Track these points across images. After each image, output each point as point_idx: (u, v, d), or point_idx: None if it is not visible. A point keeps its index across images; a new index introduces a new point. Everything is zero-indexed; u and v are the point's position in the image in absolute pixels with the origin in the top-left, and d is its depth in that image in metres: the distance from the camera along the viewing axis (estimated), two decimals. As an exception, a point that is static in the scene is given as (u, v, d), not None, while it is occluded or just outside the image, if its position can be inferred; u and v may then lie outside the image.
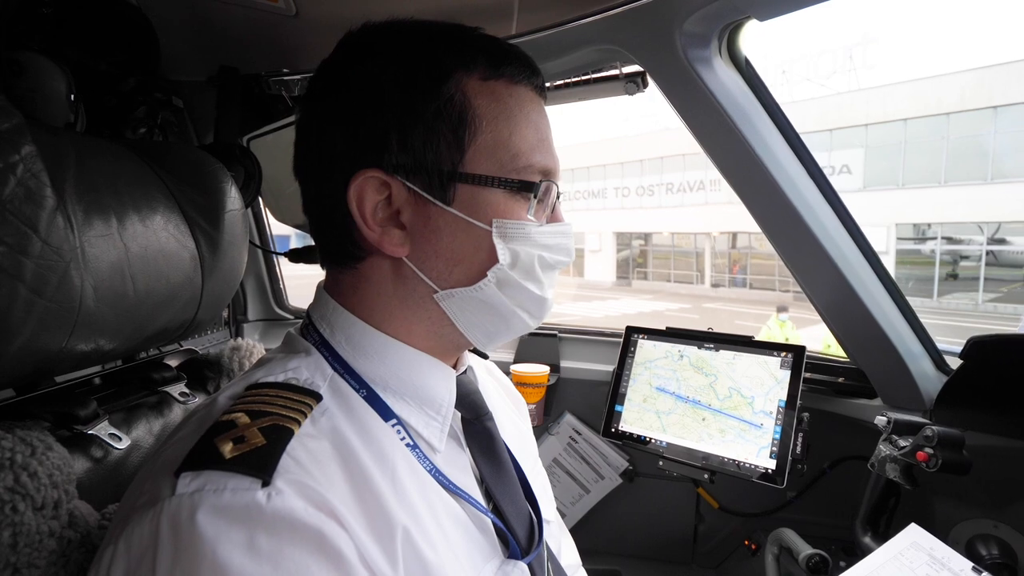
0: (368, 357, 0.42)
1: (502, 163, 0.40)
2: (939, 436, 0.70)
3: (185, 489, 0.33)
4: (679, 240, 16.85)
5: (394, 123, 0.39)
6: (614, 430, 1.06)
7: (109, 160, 0.55)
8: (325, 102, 0.42)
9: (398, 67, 0.40)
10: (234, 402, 0.38)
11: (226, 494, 0.32)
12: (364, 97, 0.40)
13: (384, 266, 0.42)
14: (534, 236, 0.42)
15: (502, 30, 0.76)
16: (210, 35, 0.90)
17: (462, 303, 0.42)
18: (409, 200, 0.40)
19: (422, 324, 0.43)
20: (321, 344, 0.43)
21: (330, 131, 0.40)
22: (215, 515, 0.31)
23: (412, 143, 0.39)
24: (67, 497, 0.41)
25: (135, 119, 0.82)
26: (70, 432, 0.50)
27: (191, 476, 0.33)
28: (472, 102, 0.40)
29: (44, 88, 0.66)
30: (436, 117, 0.39)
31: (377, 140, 0.39)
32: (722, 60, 0.75)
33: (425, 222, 0.40)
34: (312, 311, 0.46)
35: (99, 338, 0.49)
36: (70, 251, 0.44)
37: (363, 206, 0.39)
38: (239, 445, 0.34)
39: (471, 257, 0.41)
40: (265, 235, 1.31)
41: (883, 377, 0.93)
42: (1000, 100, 10.76)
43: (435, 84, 0.39)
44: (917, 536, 0.65)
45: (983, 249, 11.73)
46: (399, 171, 0.39)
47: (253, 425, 0.36)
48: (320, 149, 0.41)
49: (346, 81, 0.41)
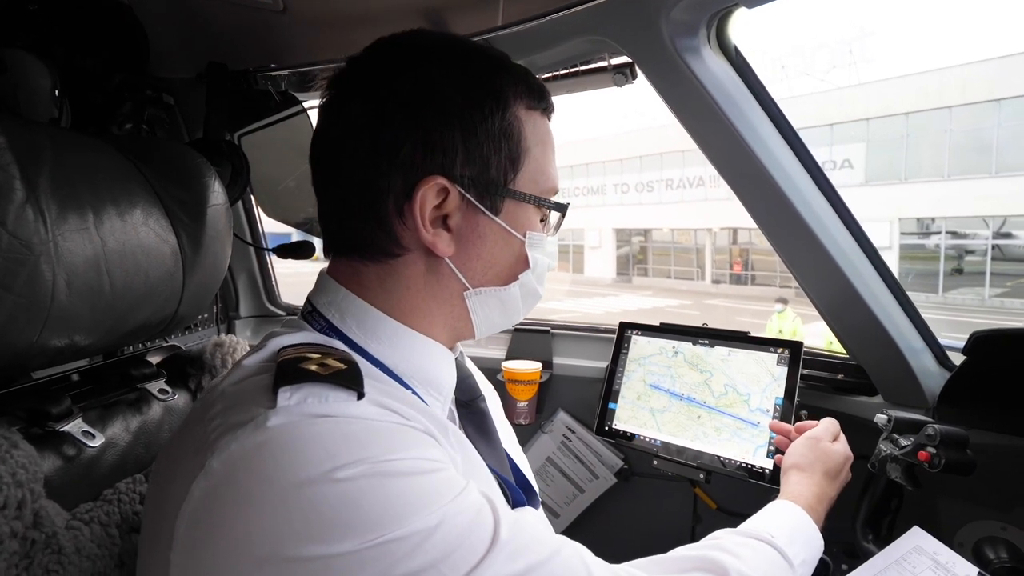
0: (379, 341, 0.44)
1: (538, 184, 0.46)
2: (942, 435, 0.67)
3: (287, 401, 0.34)
4: (679, 236, 16.83)
5: (460, 136, 0.42)
6: (608, 428, 1.05)
7: (88, 155, 0.54)
8: (381, 99, 0.42)
9: (463, 82, 0.43)
10: (282, 353, 0.40)
11: (330, 403, 0.35)
12: (429, 104, 0.42)
13: (419, 263, 0.45)
14: (546, 246, 0.49)
15: (487, 21, 0.75)
16: (198, 31, 0.90)
17: (485, 301, 0.47)
18: (460, 207, 0.43)
19: (442, 317, 0.47)
20: (329, 329, 0.45)
21: (391, 132, 0.42)
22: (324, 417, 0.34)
23: (476, 157, 0.43)
24: (32, 496, 0.40)
25: (121, 115, 0.82)
26: (42, 430, 0.49)
27: (291, 390, 0.35)
28: (523, 128, 0.45)
29: (28, 84, 0.66)
30: (498, 137, 0.43)
31: (445, 149, 0.42)
32: (711, 49, 0.74)
33: (473, 228, 0.44)
34: (316, 299, 0.47)
35: (74, 333, 0.49)
36: (40, 245, 0.43)
37: (424, 208, 0.42)
38: (324, 367, 0.37)
39: (504, 262, 0.46)
40: (257, 232, 1.31)
41: (883, 373, 0.91)
42: (1004, 92, 10.66)
43: (498, 106, 0.43)
44: (920, 540, 0.63)
45: (988, 243, 11.64)
46: (461, 181, 0.43)
47: (323, 358, 0.38)
48: (377, 147, 0.42)
49: (408, 83, 0.42)
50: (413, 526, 0.32)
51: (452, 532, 0.33)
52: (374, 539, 0.31)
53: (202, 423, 0.37)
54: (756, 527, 0.53)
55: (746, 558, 0.47)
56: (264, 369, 0.39)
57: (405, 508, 0.32)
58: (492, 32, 0.77)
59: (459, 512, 0.34)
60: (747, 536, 0.51)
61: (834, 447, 0.66)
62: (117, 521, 0.51)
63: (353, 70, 0.45)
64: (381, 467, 0.33)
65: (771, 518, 0.56)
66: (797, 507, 0.57)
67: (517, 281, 0.47)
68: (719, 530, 0.53)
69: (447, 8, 0.77)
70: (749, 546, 0.49)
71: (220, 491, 0.33)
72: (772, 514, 0.56)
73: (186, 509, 0.33)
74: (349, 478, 0.32)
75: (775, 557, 0.50)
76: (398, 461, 0.33)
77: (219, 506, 0.32)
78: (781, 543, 0.51)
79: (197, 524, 0.33)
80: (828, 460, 0.64)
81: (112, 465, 0.54)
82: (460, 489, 0.35)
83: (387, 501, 0.32)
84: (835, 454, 0.65)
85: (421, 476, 0.34)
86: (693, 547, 0.50)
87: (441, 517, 0.33)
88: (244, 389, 0.38)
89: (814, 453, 0.65)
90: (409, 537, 0.31)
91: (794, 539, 0.52)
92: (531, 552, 0.35)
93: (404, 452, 0.34)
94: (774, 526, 0.53)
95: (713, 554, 0.46)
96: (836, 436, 0.69)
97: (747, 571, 0.45)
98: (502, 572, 0.33)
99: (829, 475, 0.63)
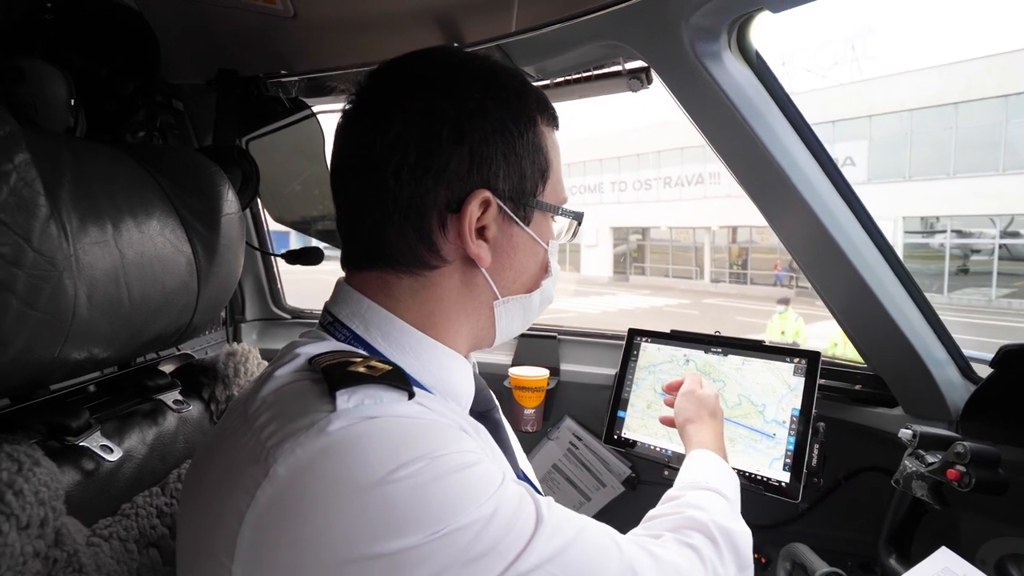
0: (404, 352, 0.45)
1: (557, 195, 0.49)
2: (972, 453, 0.65)
3: (346, 404, 0.35)
4: (677, 235, 16.74)
5: (502, 151, 0.44)
6: (616, 437, 1.04)
7: (106, 164, 0.54)
8: (427, 115, 0.43)
9: (502, 99, 0.45)
10: (319, 360, 0.40)
11: (385, 403, 0.36)
12: (474, 121, 0.43)
13: (455, 275, 0.46)
14: (557, 251, 0.52)
15: (502, 27, 0.74)
16: (209, 38, 0.89)
17: (510, 308, 0.49)
18: (497, 219, 0.45)
19: (468, 327, 0.48)
20: (353, 339, 0.45)
21: (439, 148, 0.43)
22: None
23: (514, 172, 0.45)
24: (54, 515, 0.40)
25: (134, 123, 0.81)
26: (61, 444, 0.49)
27: (348, 392, 0.36)
28: (547, 144, 0.48)
29: (45, 94, 0.65)
30: (531, 151, 0.46)
31: (489, 164, 0.44)
32: (732, 54, 0.72)
33: (508, 239, 0.47)
34: (337, 310, 0.47)
35: (93, 346, 0.48)
36: (63, 260, 0.43)
37: (471, 221, 0.44)
38: (372, 369, 0.38)
39: (531, 271, 0.49)
40: (263, 236, 1.31)
41: (904, 385, 0.89)
42: (1010, 89, 10.56)
43: (531, 124, 0.46)
44: (949, 561, 0.62)
45: (995, 243, 11.51)
46: (501, 194, 0.45)
47: (367, 361, 0.40)
48: (424, 162, 0.43)
49: (455, 100, 0.44)
50: (473, 515, 0.34)
51: (505, 516, 0.35)
52: (440, 530, 0.33)
53: (250, 433, 0.37)
54: (695, 478, 0.61)
55: (710, 509, 0.55)
56: (303, 376, 0.40)
57: (464, 499, 0.34)
58: (506, 38, 0.76)
59: (508, 498, 0.37)
60: (696, 488, 0.59)
61: (706, 392, 0.76)
62: (135, 536, 0.51)
63: (387, 85, 0.45)
64: (437, 463, 0.35)
65: (699, 468, 0.64)
66: (709, 452, 0.67)
67: (539, 288, 0.50)
68: (669, 490, 0.60)
69: (461, 13, 0.76)
70: (704, 497, 0.57)
71: (288, 497, 0.33)
72: (698, 465, 0.65)
73: (251, 517, 0.33)
74: (412, 475, 0.33)
75: (720, 500, 0.58)
76: (450, 455, 0.35)
77: (288, 511, 0.33)
78: (717, 486, 0.59)
79: (265, 531, 0.33)
80: (707, 404, 0.74)
81: (130, 479, 0.54)
82: (502, 477, 0.38)
83: (447, 494, 0.34)
84: (709, 397, 0.75)
85: (470, 468, 0.36)
86: (670, 507, 0.56)
87: (496, 504, 0.35)
88: (291, 395, 0.38)
89: (695, 404, 0.74)
90: (471, 525, 0.34)
91: (723, 480, 0.61)
92: (566, 529, 0.38)
93: (454, 446, 0.36)
94: (705, 474, 0.62)
95: (690, 512, 0.54)
96: (700, 383, 0.79)
97: (718, 519, 0.53)
98: (547, 548, 0.36)
99: (714, 416, 0.74)
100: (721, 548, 0.51)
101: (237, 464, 0.36)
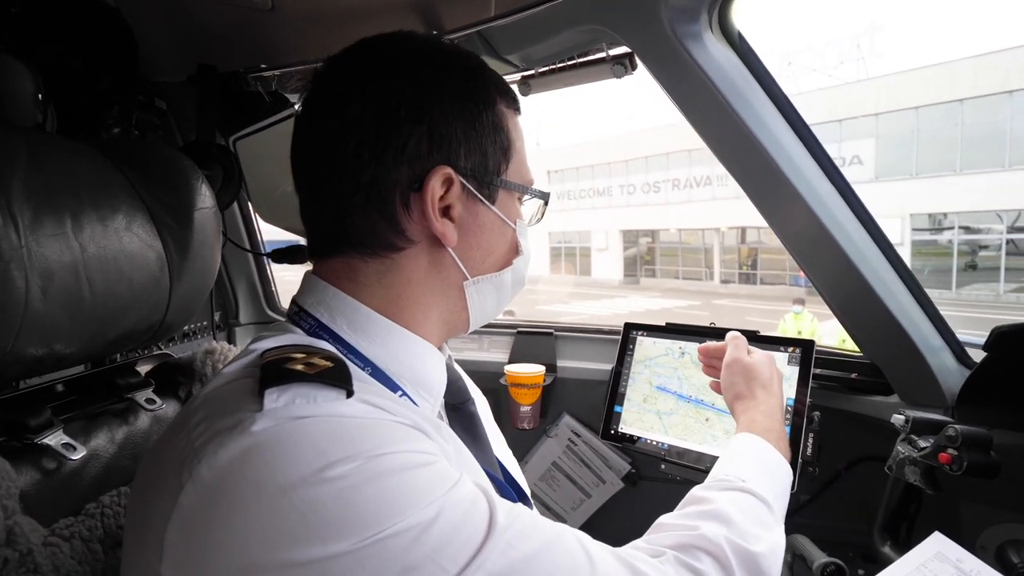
0: (370, 339, 0.44)
1: (522, 176, 0.49)
2: (963, 436, 0.64)
3: (275, 403, 0.33)
4: (687, 236, 16.72)
5: (461, 128, 0.44)
6: (613, 432, 1.02)
7: (68, 158, 0.52)
8: (384, 96, 0.43)
9: (459, 78, 0.45)
10: (265, 356, 0.38)
11: (319, 402, 0.34)
12: (432, 99, 0.43)
13: (422, 256, 0.45)
14: (527, 232, 0.51)
15: (481, 12, 0.73)
16: (187, 33, 0.89)
17: (482, 289, 0.48)
18: (461, 197, 0.45)
19: (440, 310, 0.47)
20: (319, 328, 0.44)
21: (397, 127, 0.42)
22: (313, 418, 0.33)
23: (475, 148, 0.45)
24: (6, 513, 0.38)
25: (109, 119, 0.81)
26: (20, 443, 0.47)
27: (278, 391, 0.34)
28: (508, 125, 0.47)
29: (10, 88, 0.65)
30: (492, 131, 0.46)
31: (449, 141, 0.43)
32: (713, 35, 0.71)
33: (473, 218, 0.46)
34: (302, 299, 0.46)
35: (53, 342, 0.47)
36: (11, 251, 0.42)
37: (433, 198, 0.43)
38: (310, 366, 0.36)
39: (500, 250, 0.48)
40: (255, 238, 1.30)
41: (900, 372, 0.87)
42: (1016, 84, 10.47)
43: (490, 103, 0.46)
44: (942, 546, 0.60)
45: (1003, 238, 11.41)
46: (464, 171, 0.44)
47: (309, 357, 0.37)
48: (383, 142, 0.42)
49: (411, 80, 0.43)
50: (410, 520, 0.31)
51: (449, 522, 0.33)
52: (372, 536, 0.30)
53: (185, 430, 0.36)
54: (727, 473, 0.54)
55: (734, 521, 0.47)
56: (248, 373, 0.38)
57: (400, 503, 0.32)
58: (485, 24, 0.75)
59: (455, 503, 0.34)
60: (725, 489, 0.51)
61: (754, 359, 0.66)
62: (100, 536, 0.49)
63: (342, 70, 0.45)
64: (373, 463, 0.32)
65: (736, 461, 0.55)
66: (754, 436, 0.58)
67: (510, 267, 0.49)
68: (695, 488, 0.53)
69: (437, 1, 0.75)
70: (732, 501, 0.49)
71: (211, 499, 0.32)
72: (735, 456, 0.56)
73: (176, 520, 0.32)
74: (342, 476, 0.31)
75: (753, 504, 0.50)
76: (390, 456, 0.33)
77: (211, 515, 0.31)
78: (753, 486, 0.51)
79: (189, 534, 0.32)
80: (755, 374, 0.64)
81: (96, 478, 0.52)
82: (454, 480, 0.35)
83: (382, 497, 0.31)
84: (758, 365, 0.65)
85: (414, 470, 0.33)
86: (685, 516, 0.48)
87: (438, 509, 0.33)
88: (227, 393, 0.37)
89: (743, 377, 0.64)
90: (406, 531, 0.31)
91: (762, 476, 0.53)
92: (530, 538, 0.35)
93: (395, 446, 0.34)
94: (740, 469, 0.54)
95: (706, 528, 0.45)
96: (747, 350, 0.68)
97: (738, 538, 0.45)
98: (499, 562, 0.33)
99: (765, 387, 0.63)
100: (734, 575, 0.43)
101: (168, 464, 0.35)
